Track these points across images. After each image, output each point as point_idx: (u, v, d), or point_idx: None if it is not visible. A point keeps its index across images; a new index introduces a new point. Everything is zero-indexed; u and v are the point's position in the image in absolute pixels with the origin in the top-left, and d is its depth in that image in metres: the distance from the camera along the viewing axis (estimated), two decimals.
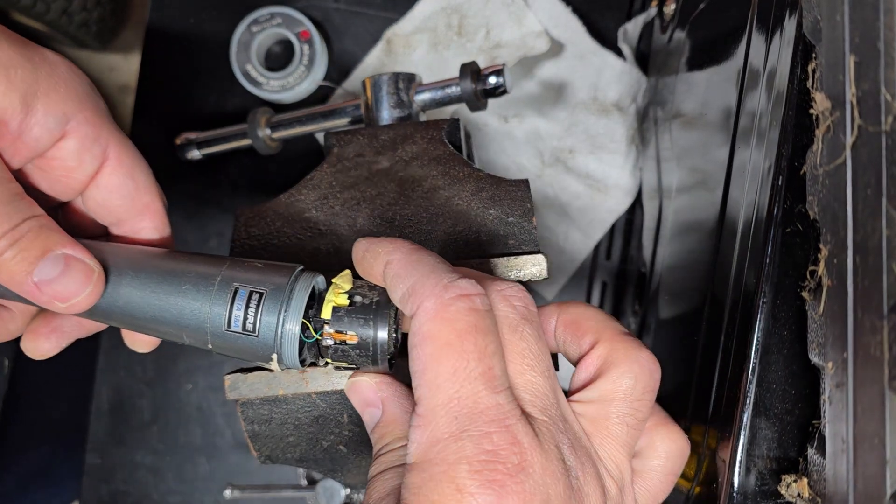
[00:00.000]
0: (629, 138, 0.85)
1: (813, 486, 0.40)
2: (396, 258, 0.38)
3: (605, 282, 0.87)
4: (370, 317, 0.40)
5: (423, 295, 0.35)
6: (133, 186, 0.46)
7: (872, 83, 0.35)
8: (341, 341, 0.40)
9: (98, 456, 0.84)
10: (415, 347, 0.35)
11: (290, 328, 0.40)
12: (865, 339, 0.35)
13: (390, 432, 0.40)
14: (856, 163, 0.36)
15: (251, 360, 0.42)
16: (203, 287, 0.41)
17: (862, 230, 0.35)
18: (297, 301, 0.40)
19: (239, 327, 0.40)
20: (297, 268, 0.41)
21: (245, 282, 0.41)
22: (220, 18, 0.86)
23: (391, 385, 0.42)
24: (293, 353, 0.40)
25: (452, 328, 0.34)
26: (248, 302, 0.40)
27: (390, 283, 0.37)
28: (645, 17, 0.83)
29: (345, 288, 0.41)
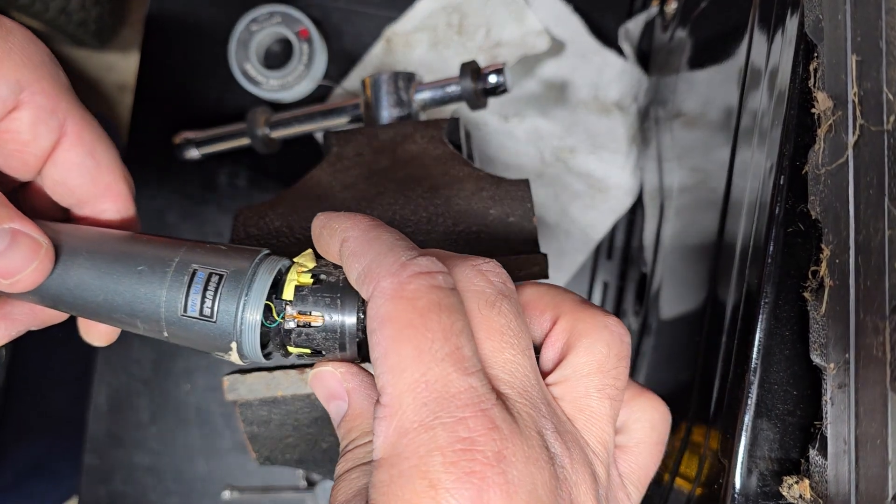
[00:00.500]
0: (630, 138, 0.85)
1: (815, 487, 0.40)
2: (353, 235, 0.35)
3: (607, 282, 0.87)
4: (336, 295, 0.37)
5: (380, 274, 0.32)
6: (93, 165, 0.43)
7: (874, 82, 0.35)
8: (305, 323, 0.37)
9: (97, 457, 0.84)
10: (374, 332, 0.31)
11: (251, 313, 0.37)
12: (867, 339, 0.35)
13: (357, 426, 0.37)
14: (858, 162, 0.36)
15: (210, 351, 0.39)
16: (159, 269, 0.38)
17: (864, 230, 0.35)
18: (259, 284, 0.37)
19: (196, 312, 0.37)
20: (261, 251, 0.39)
21: (205, 264, 0.38)
22: (219, 17, 0.86)
23: (357, 375, 0.38)
24: (254, 341, 0.37)
25: (413, 307, 0.31)
26: (207, 285, 0.37)
27: (346, 262, 0.35)
28: (646, 16, 0.83)
29: (308, 266, 0.38)
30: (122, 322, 0.39)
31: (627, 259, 0.85)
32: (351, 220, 0.36)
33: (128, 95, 1.24)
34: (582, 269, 0.87)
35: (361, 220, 0.36)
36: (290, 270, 0.38)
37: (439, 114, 0.80)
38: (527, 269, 0.47)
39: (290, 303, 0.37)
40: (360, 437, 0.37)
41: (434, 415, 0.29)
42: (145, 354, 0.85)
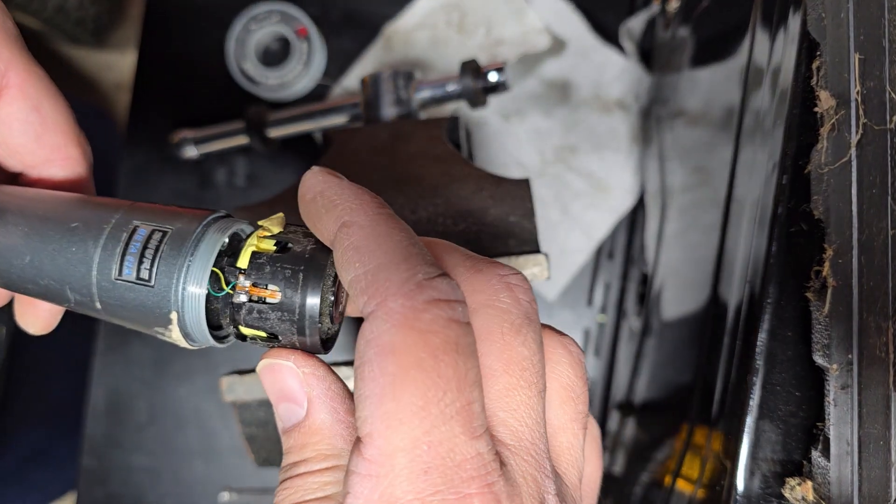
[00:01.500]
0: (632, 137, 0.85)
1: (817, 489, 0.40)
2: (358, 222, 0.28)
3: (608, 282, 0.86)
4: (299, 268, 0.31)
5: (388, 290, 0.26)
6: (38, 122, 0.38)
7: (878, 81, 0.35)
8: (259, 298, 0.31)
9: (94, 458, 0.84)
10: (368, 362, 0.25)
11: (195, 278, 0.31)
12: (871, 340, 0.35)
13: (313, 445, 0.31)
14: (861, 162, 0.36)
15: (147, 328, 0.33)
16: (95, 225, 0.32)
17: (867, 230, 0.35)
18: (207, 244, 0.31)
19: (132, 275, 0.31)
20: (218, 211, 0.33)
21: (149, 221, 0.32)
22: (217, 15, 0.86)
23: (324, 379, 0.32)
24: (197, 314, 0.31)
25: (426, 343, 0.25)
26: (147, 243, 0.31)
27: (343, 254, 0.28)
28: (648, 14, 0.82)
29: (273, 231, 0.32)
30: (50, 292, 0.34)
31: (629, 259, 0.85)
32: (358, 198, 0.29)
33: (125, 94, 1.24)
34: (583, 270, 0.86)
35: (370, 203, 0.29)
36: (251, 234, 0.33)
37: (439, 112, 0.80)
38: (528, 269, 0.47)
39: (243, 272, 0.31)
40: (315, 460, 0.31)
41: (434, 488, 0.24)
42: (144, 356, 0.84)
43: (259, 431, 0.47)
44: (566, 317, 0.85)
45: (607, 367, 0.83)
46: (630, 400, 0.72)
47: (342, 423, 0.31)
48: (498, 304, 0.29)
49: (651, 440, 0.61)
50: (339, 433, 0.31)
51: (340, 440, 0.31)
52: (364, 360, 0.26)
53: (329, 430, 0.31)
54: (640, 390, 0.69)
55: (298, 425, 0.31)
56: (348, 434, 0.31)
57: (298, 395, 0.31)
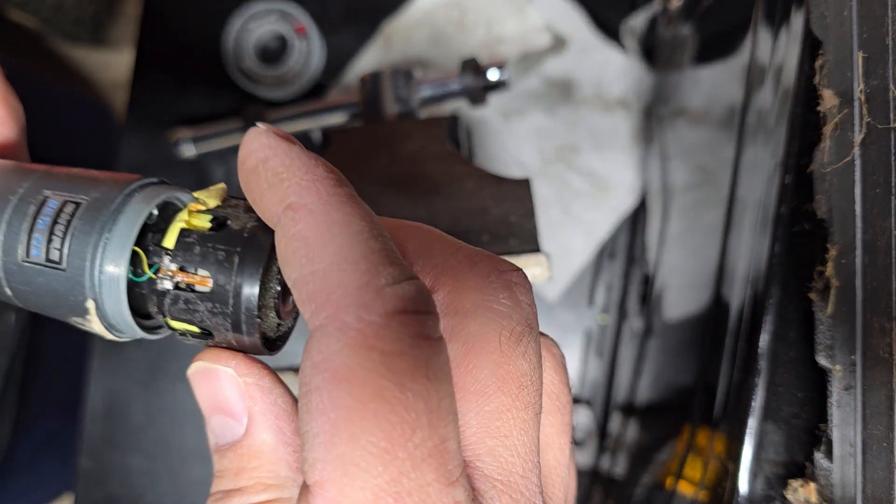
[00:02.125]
0: (633, 136, 0.84)
1: (820, 491, 0.39)
2: (307, 205, 0.23)
3: (610, 283, 0.86)
4: (236, 249, 0.25)
5: (341, 299, 0.21)
6: None
7: (881, 80, 0.35)
8: (188, 286, 0.26)
9: (92, 459, 0.84)
10: (315, 390, 0.20)
11: (113, 260, 0.26)
12: (874, 341, 0.34)
13: (252, 471, 0.26)
14: (864, 161, 0.36)
15: (64, 318, 0.28)
16: (2, 197, 0.27)
17: (871, 230, 0.35)
18: (128, 217, 0.26)
19: (41, 255, 0.26)
20: (146, 179, 0.28)
21: (62, 187, 0.27)
22: (215, 13, 0.85)
23: (270, 392, 0.27)
24: (118, 301, 0.26)
25: (389, 369, 0.20)
26: (57, 217, 0.26)
27: (287, 245, 0.23)
28: (650, 12, 0.82)
29: (209, 204, 0.27)
30: None
31: (631, 259, 0.85)
32: (309, 172, 0.24)
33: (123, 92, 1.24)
34: (584, 270, 0.86)
35: (325, 180, 0.24)
36: (184, 209, 0.28)
37: (439, 111, 0.79)
38: (528, 269, 0.47)
39: (170, 252, 0.26)
40: (252, 490, 0.25)
41: None
42: (141, 357, 0.84)
43: None
44: (567, 317, 0.85)
45: (609, 368, 0.83)
46: (631, 401, 0.72)
47: (288, 446, 0.26)
48: (496, 306, 0.25)
49: (653, 442, 0.61)
50: (284, 458, 0.26)
51: (285, 467, 0.26)
52: (311, 388, 0.20)
53: (272, 455, 0.26)
54: (641, 391, 0.69)
55: (235, 445, 0.26)
56: (294, 460, 0.26)
57: (237, 408, 0.26)
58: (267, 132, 0.25)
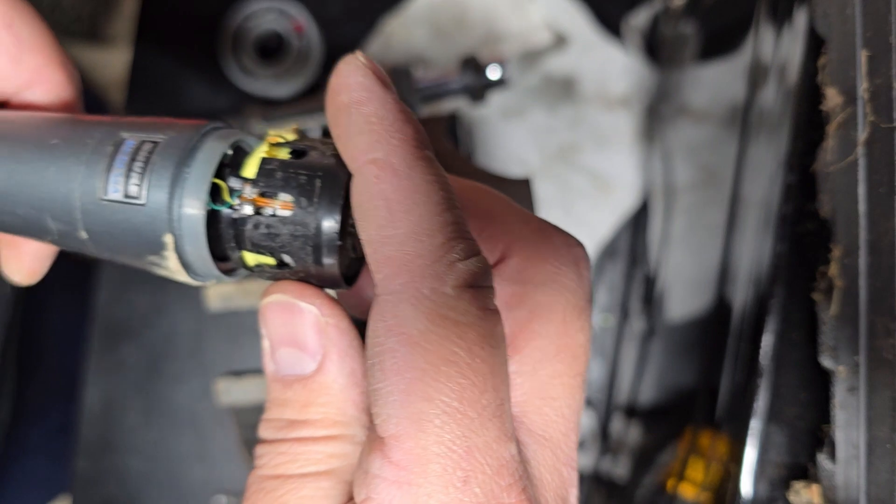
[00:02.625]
0: (636, 134, 0.84)
1: (824, 493, 0.40)
2: (393, 163, 0.24)
3: (612, 283, 0.86)
4: (317, 174, 0.26)
5: (417, 268, 0.23)
6: (13, 43, 0.33)
7: (885, 78, 0.35)
8: (269, 211, 0.26)
9: (89, 461, 0.84)
10: (390, 352, 0.23)
11: (192, 194, 0.26)
12: (878, 342, 0.35)
13: (321, 405, 0.27)
14: (868, 160, 0.36)
15: (140, 258, 0.28)
16: (77, 141, 0.28)
17: (874, 229, 0.35)
18: (206, 153, 0.27)
19: (119, 193, 0.26)
20: (215, 122, 0.28)
21: (138, 129, 0.27)
22: (213, 11, 0.85)
23: (347, 334, 0.27)
24: (197, 235, 0.26)
25: (461, 337, 0.22)
26: (135, 156, 0.26)
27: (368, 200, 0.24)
28: (652, 10, 0.82)
29: (287, 138, 0.28)
30: (29, 223, 0.29)
31: (633, 259, 0.85)
32: (400, 129, 0.25)
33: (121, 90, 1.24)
34: None
35: (413, 138, 0.25)
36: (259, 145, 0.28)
37: (439, 109, 0.79)
38: None
39: (250, 181, 0.26)
40: (320, 424, 0.27)
41: (475, 500, 0.22)
42: (138, 358, 0.84)
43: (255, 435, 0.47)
44: None
45: (611, 369, 0.83)
46: (634, 403, 0.72)
47: (357, 387, 0.27)
48: (564, 279, 0.27)
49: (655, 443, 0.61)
50: (352, 399, 0.27)
51: (352, 406, 0.27)
52: (385, 349, 0.23)
53: (341, 394, 0.27)
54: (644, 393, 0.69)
55: (305, 379, 0.27)
56: (361, 401, 0.27)
57: (312, 345, 0.27)
58: (364, 69, 0.25)
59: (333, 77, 0.25)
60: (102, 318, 0.85)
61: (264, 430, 0.28)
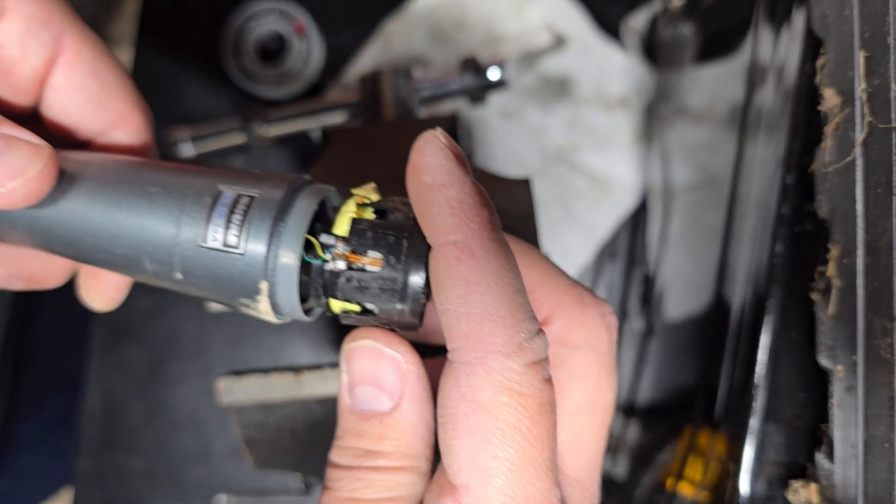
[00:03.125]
0: (634, 135, 0.84)
1: (822, 492, 0.40)
2: (472, 248, 0.27)
3: (610, 283, 0.86)
4: (403, 235, 0.29)
5: (490, 345, 0.26)
6: (98, 89, 0.36)
7: (883, 79, 0.35)
8: (359, 266, 0.29)
9: (90, 460, 0.84)
10: (462, 415, 0.27)
11: (289, 245, 0.29)
12: (876, 341, 0.35)
13: (395, 439, 0.30)
14: (866, 160, 0.36)
15: (233, 300, 0.31)
16: (177, 190, 0.30)
17: (872, 230, 0.35)
18: (299, 211, 0.29)
19: (218, 242, 0.29)
20: (303, 176, 0.31)
21: (233, 183, 0.30)
22: (214, 12, 0.85)
23: (422, 380, 0.31)
24: (290, 284, 0.29)
25: (524, 407, 0.26)
26: (234, 209, 0.29)
27: (448, 278, 0.27)
28: (651, 11, 0.82)
29: (371, 198, 0.31)
30: (126, 261, 0.32)
31: (631, 259, 0.85)
32: (478, 215, 0.27)
33: None
34: (585, 270, 0.86)
35: (487, 225, 0.27)
36: (348, 200, 0.31)
37: (439, 110, 0.79)
38: None
39: (342, 239, 0.29)
40: (393, 456, 0.30)
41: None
42: (139, 358, 0.84)
43: (257, 434, 0.47)
44: None
45: None
46: (633, 402, 0.72)
47: (426, 427, 0.31)
48: (598, 344, 0.32)
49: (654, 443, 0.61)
50: (421, 436, 0.31)
51: (420, 442, 0.31)
52: (458, 412, 0.27)
53: (413, 431, 0.31)
54: (642, 392, 0.69)
55: (381, 415, 0.31)
56: (429, 438, 0.31)
57: (392, 387, 0.31)
58: (446, 151, 0.29)
59: (416, 155, 0.29)
60: (104, 317, 0.85)
61: (339, 456, 0.31)
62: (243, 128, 0.73)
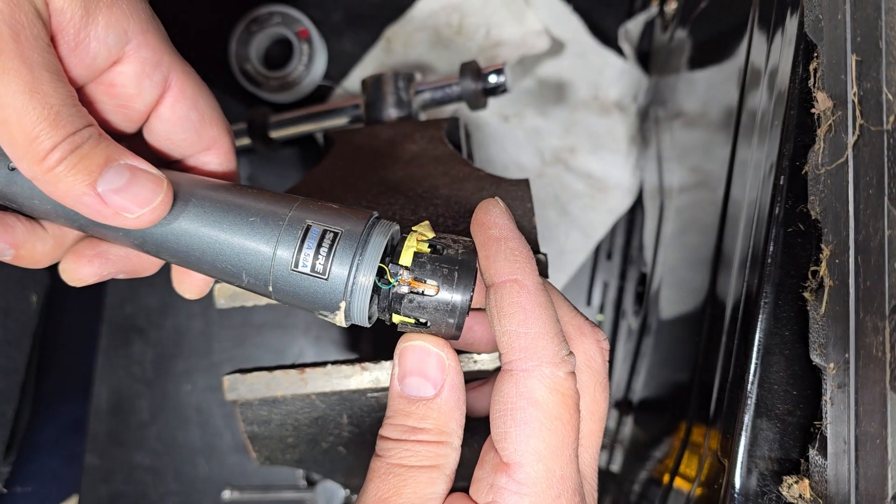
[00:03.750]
0: (630, 138, 0.85)
1: (814, 487, 0.40)
2: (528, 286, 0.36)
3: (606, 282, 0.87)
4: (455, 268, 0.37)
5: (543, 357, 0.35)
6: (198, 119, 0.43)
7: (874, 82, 0.35)
8: (419, 291, 0.37)
9: (97, 456, 0.84)
10: (520, 409, 0.35)
11: (365, 274, 0.36)
12: (867, 339, 0.35)
13: (435, 419, 0.37)
14: (857, 162, 0.36)
15: (312, 310, 0.38)
16: (272, 221, 0.37)
17: (864, 230, 0.35)
18: (374, 245, 0.37)
19: (307, 269, 0.36)
20: (373, 213, 0.38)
21: (318, 221, 0.37)
22: (218, 17, 0.86)
23: (460, 373, 0.38)
24: (363, 302, 0.37)
25: (565, 404, 0.35)
26: (321, 242, 0.36)
27: (509, 307, 0.36)
28: (646, 16, 0.83)
29: (427, 236, 0.38)
30: (225, 273, 0.39)
31: (627, 259, 0.85)
32: (529, 261, 0.37)
33: None
34: (582, 269, 0.86)
35: (534, 269, 0.37)
36: (407, 237, 0.38)
37: (439, 114, 0.80)
38: None
39: (406, 268, 0.37)
40: (433, 432, 0.37)
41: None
42: (146, 355, 0.85)
43: (261, 430, 0.47)
44: None
45: None
46: (628, 398, 0.72)
47: (460, 411, 0.38)
48: (595, 365, 0.39)
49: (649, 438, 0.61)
50: (456, 418, 0.38)
51: (454, 423, 0.37)
52: (516, 406, 0.35)
53: (450, 413, 0.37)
54: (638, 389, 0.69)
55: (426, 400, 0.38)
56: (461, 420, 0.38)
57: (436, 377, 0.38)
58: (506, 213, 0.38)
59: (483, 214, 0.38)
60: (112, 316, 0.85)
61: (390, 431, 0.38)
62: (248, 131, 0.73)
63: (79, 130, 0.35)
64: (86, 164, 0.35)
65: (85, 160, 0.35)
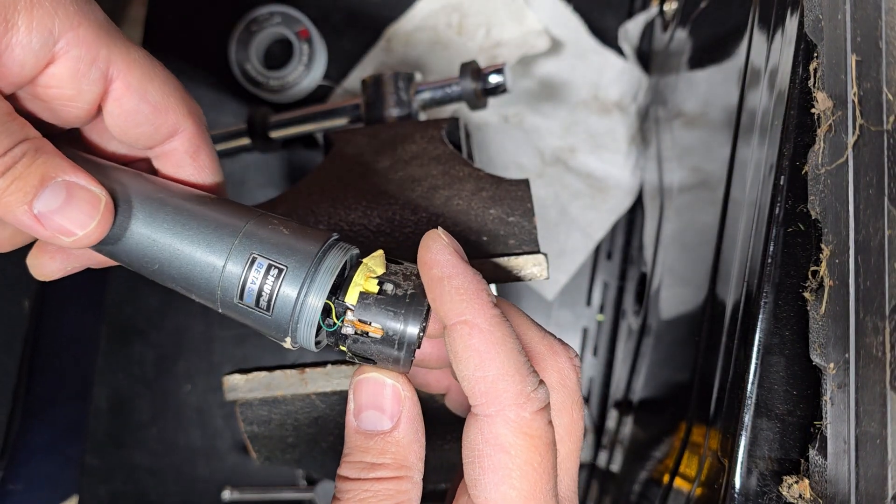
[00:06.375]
0: (630, 138, 0.85)
1: (814, 487, 0.40)
2: (480, 324, 0.33)
3: (606, 282, 0.87)
4: (401, 311, 0.35)
5: (506, 400, 0.33)
6: (150, 110, 0.39)
7: (874, 82, 0.35)
8: (364, 332, 0.35)
9: (97, 457, 0.84)
10: (487, 456, 0.33)
11: (309, 313, 0.35)
12: (867, 339, 0.35)
13: (393, 453, 0.36)
14: (857, 162, 0.36)
15: (262, 335, 0.38)
16: (218, 245, 0.36)
17: (864, 230, 0.35)
18: (321, 282, 0.35)
19: (252, 301, 0.35)
20: (329, 237, 0.37)
21: (266, 249, 0.36)
22: (218, 17, 0.86)
23: (416, 405, 0.37)
24: (308, 336, 0.36)
25: (534, 446, 0.33)
26: (266, 275, 0.35)
27: (463, 351, 0.33)
28: (646, 16, 0.83)
29: (377, 272, 0.36)
30: (178, 289, 0.38)
31: (627, 259, 0.85)
32: (479, 297, 0.34)
33: None
34: (582, 269, 0.86)
35: (488, 303, 0.34)
36: (357, 272, 0.36)
37: (439, 114, 0.80)
38: (527, 269, 0.47)
39: (351, 308, 0.36)
40: (391, 467, 0.36)
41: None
42: (146, 355, 0.85)
43: (261, 430, 0.48)
44: (565, 316, 0.85)
45: (605, 365, 0.83)
46: (628, 398, 0.72)
47: (418, 443, 0.37)
48: (570, 384, 0.37)
49: (649, 438, 0.61)
50: (415, 451, 0.36)
51: (413, 457, 0.36)
52: (483, 453, 0.33)
53: (409, 446, 0.36)
54: (638, 389, 0.69)
55: (382, 434, 0.36)
56: (420, 452, 0.37)
57: (391, 409, 0.36)
58: (449, 248, 0.35)
59: (424, 252, 0.35)
60: (112, 317, 0.85)
61: (348, 470, 0.36)
62: (248, 131, 0.73)
63: (11, 149, 0.33)
64: (20, 184, 0.34)
65: (19, 181, 0.34)
